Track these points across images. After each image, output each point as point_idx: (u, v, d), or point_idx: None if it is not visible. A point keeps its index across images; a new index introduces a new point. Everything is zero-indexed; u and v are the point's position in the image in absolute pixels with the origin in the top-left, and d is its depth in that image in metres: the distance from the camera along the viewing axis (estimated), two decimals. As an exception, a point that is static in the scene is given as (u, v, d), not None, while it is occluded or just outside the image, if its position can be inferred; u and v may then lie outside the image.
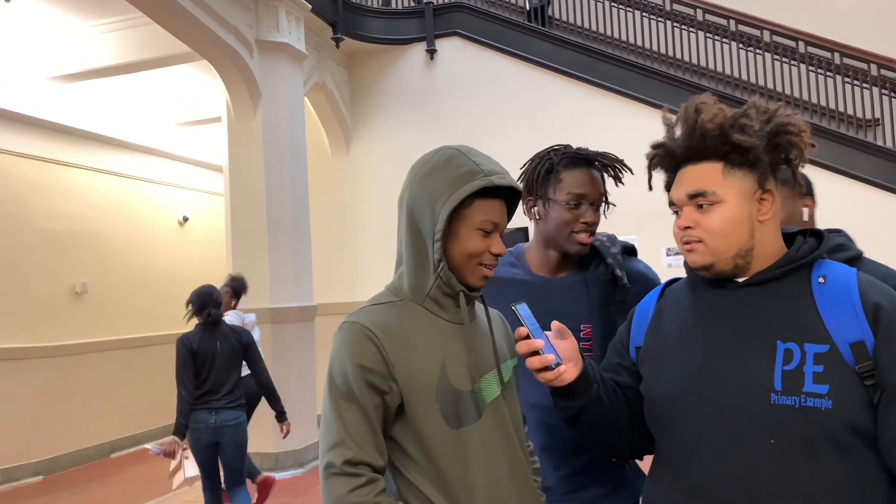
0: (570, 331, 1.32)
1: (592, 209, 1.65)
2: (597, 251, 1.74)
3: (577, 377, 1.28)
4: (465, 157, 1.26)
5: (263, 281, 6.02)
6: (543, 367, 1.24)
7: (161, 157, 8.75)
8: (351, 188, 7.95)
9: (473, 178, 1.23)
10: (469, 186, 1.22)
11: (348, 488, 1.18)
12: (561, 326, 1.31)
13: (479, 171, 1.24)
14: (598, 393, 1.31)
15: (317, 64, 7.21)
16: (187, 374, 3.92)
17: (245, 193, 6.14)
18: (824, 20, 7.51)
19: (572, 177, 1.65)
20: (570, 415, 1.34)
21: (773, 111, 1.25)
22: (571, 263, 1.73)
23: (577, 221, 1.64)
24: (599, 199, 1.67)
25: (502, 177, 1.25)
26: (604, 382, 1.35)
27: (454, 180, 1.23)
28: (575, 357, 1.29)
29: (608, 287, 1.68)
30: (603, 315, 1.66)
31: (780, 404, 1.12)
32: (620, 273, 1.68)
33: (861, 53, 6.69)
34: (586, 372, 1.30)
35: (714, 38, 7.17)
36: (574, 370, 1.28)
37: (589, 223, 1.64)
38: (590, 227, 1.65)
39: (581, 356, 1.31)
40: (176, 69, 6.93)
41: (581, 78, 7.17)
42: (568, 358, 1.28)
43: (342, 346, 1.24)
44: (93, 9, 6.19)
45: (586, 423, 1.34)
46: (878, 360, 1.10)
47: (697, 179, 1.24)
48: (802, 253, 1.23)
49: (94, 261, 7.53)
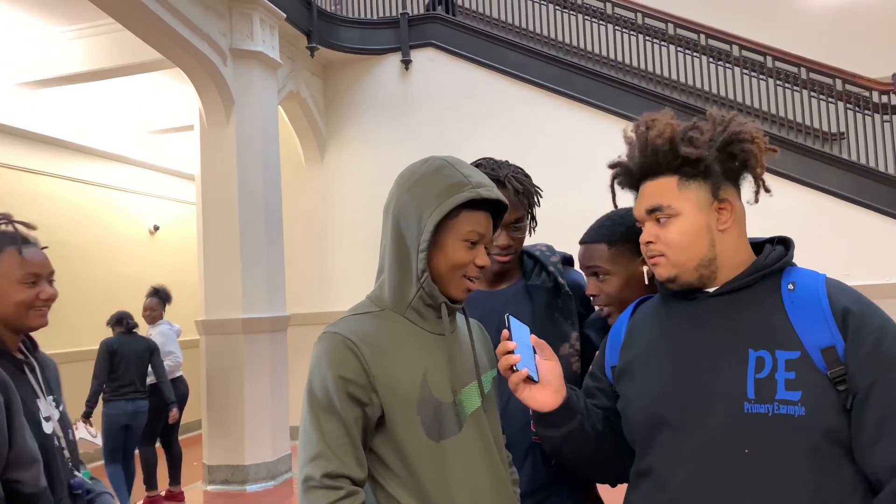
0: (553, 352, 1.32)
1: (505, 231, 1.64)
2: (537, 259, 1.74)
3: (559, 406, 1.28)
4: (454, 168, 1.27)
5: (236, 291, 5.96)
6: (509, 366, 1.24)
7: (131, 164, 8.63)
8: (325, 198, 7.91)
9: (461, 190, 1.23)
10: (457, 197, 1.22)
11: (327, 501, 1.16)
12: (541, 343, 1.31)
13: (468, 183, 1.24)
14: (581, 423, 1.31)
15: (291, 73, 7.18)
16: (102, 370, 5.11)
17: (217, 202, 6.07)
18: (792, 36, 7.68)
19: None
20: (553, 444, 1.34)
21: (728, 120, 1.26)
22: (511, 273, 1.73)
23: (492, 244, 1.62)
24: (512, 222, 1.64)
25: (489, 189, 1.26)
26: (588, 412, 1.34)
27: (442, 191, 1.23)
28: (557, 383, 1.29)
29: (551, 294, 1.69)
30: (547, 321, 1.66)
31: (753, 413, 1.13)
32: (563, 280, 1.68)
33: (827, 69, 6.84)
34: (569, 401, 1.30)
35: (685, 51, 7.29)
36: (553, 397, 1.28)
37: (501, 247, 1.64)
38: (504, 250, 1.65)
39: (567, 386, 1.31)
40: (148, 76, 6.84)
41: (554, 89, 7.24)
42: (548, 381, 1.28)
43: (322, 356, 1.22)
44: (63, 14, 6.10)
45: (569, 453, 1.35)
46: (849, 364, 1.11)
47: (654, 194, 1.26)
48: (770, 260, 1.24)
49: (61, 270, 7.20)
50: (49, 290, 1.67)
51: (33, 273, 1.64)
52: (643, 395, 1.27)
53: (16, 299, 1.61)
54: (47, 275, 1.69)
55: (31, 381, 1.65)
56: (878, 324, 1.13)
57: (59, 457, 1.62)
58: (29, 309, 1.63)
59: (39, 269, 1.67)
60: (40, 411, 1.62)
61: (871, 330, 1.12)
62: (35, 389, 1.64)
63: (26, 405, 1.54)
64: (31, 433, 1.50)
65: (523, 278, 1.73)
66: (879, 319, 1.14)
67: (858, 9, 8.19)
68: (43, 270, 1.67)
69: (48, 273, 1.70)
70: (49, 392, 1.69)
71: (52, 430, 1.63)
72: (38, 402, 1.63)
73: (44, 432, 1.59)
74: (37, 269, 1.66)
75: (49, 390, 1.69)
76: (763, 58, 7.05)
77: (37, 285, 1.65)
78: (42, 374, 1.70)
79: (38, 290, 1.64)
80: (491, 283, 1.73)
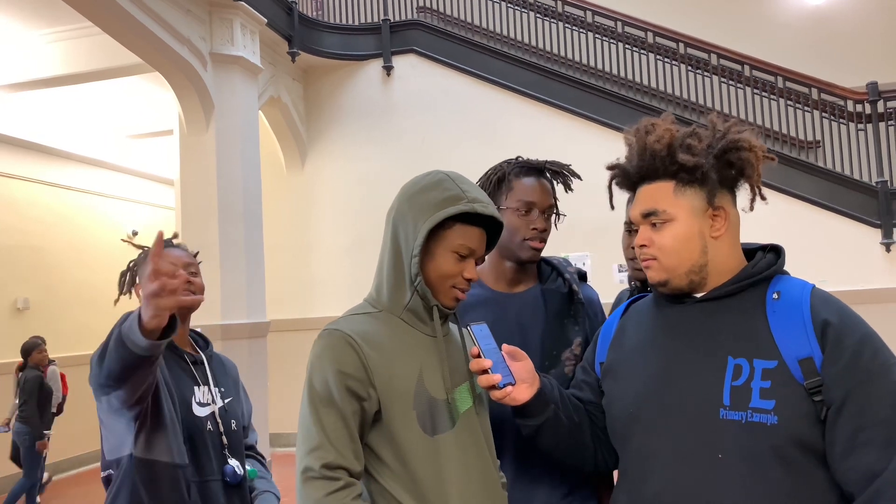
0: (524, 352, 1.35)
1: (543, 216, 1.68)
2: (554, 266, 1.78)
3: (532, 398, 1.30)
4: (453, 182, 1.32)
5: (214, 296, 5.90)
6: (490, 385, 1.27)
7: (110, 169, 8.53)
8: (306, 203, 7.88)
9: (456, 203, 1.28)
10: (450, 209, 1.27)
11: (325, 492, 1.19)
12: (513, 349, 1.34)
13: (463, 197, 1.29)
14: (556, 412, 1.33)
15: (272, 78, 7.15)
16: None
17: (196, 207, 6.02)
18: (769, 46, 7.80)
19: (522, 184, 1.69)
20: (528, 432, 1.37)
21: (726, 128, 1.28)
22: (528, 276, 1.76)
23: (528, 228, 1.67)
24: (549, 208, 1.70)
25: (485, 206, 1.30)
26: (563, 401, 1.37)
27: (439, 202, 1.29)
28: (530, 378, 1.32)
29: (564, 300, 1.72)
30: (556, 325, 1.69)
31: (727, 419, 1.14)
32: (577, 288, 1.72)
33: (803, 78, 6.95)
34: (542, 393, 1.32)
35: (664, 60, 7.36)
36: (527, 391, 1.30)
37: (539, 229, 1.67)
38: (540, 233, 1.68)
39: (539, 376, 1.34)
40: (127, 80, 6.78)
41: (535, 97, 7.28)
42: (522, 379, 1.30)
43: (323, 351, 1.26)
44: (41, 17, 6.02)
45: (545, 440, 1.37)
46: (826, 376, 1.12)
47: (650, 199, 1.27)
48: (759, 269, 1.25)
49: (37, 276, 7.28)
50: None
51: None
52: (625, 396, 1.29)
53: None
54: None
55: (193, 370, 1.80)
56: (857, 337, 1.14)
57: (210, 440, 1.73)
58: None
59: None
60: (194, 396, 1.76)
61: (849, 343, 1.13)
62: (196, 377, 1.80)
63: (179, 388, 1.72)
64: (171, 407, 1.65)
65: (540, 283, 1.77)
66: (859, 333, 1.14)
67: (834, 20, 8.34)
68: None
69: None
70: (216, 384, 1.84)
71: (207, 415, 1.76)
72: (194, 388, 1.77)
73: (194, 414, 1.73)
74: None
75: (216, 382, 1.85)
76: (741, 67, 7.14)
77: None
78: (210, 367, 1.85)
79: None
80: (510, 283, 1.75)
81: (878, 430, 1.09)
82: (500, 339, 1.37)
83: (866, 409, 1.10)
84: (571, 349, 1.68)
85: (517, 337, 1.62)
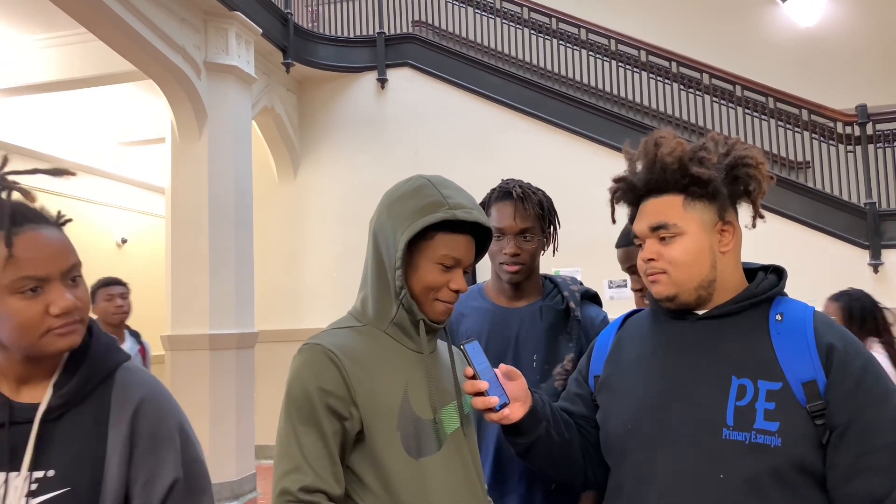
0: (518, 371, 1.32)
1: (515, 240, 1.68)
2: (556, 284, 1.79)
3: (524, 416, 1.28)
4: (434, 187, 1.23)
5: (203, 306, 5.87)
6: (487, 408, 1.24)
7: (100, 176, 8.48)
8: (297, 214, 7.86)
9: (436, 210, 1.20)
10: (429, 218, 1.19)
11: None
12: (508, 369, 1.31)
13: (444, 204, 1.20)
14: (548, 429, 1.31)
15: (266, 88, 7.15)
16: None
17: (187, 216, 5.99)
18: (760, 66, 7.88)
19: (495, 210, 1.71)
20: (519, 450, 1.35)
21: (732, 144, 1.28)
22: (531, 292, 1.77)
23: (501, 252, 1.68)
24: (523, 231, 1.69)
25: (468, 212, 1.22)
26: (555, 418, 1.34)
27: (417, 210, 1.20)
28: (523, 397, 1.29)
29: (560, 317, 1.72)
30: (551, 340, 1.70)
31: (730, 440, 1.13)
32: (574, 305, 1.72)
33: (793, 99, 7.00)
34: (534, 410, 1.30)
35: (657, 78, 7.42)
36: (521, 410, 1.28)
37: (510, 254, 1.67)
38: (512, 257, 1.68)
39: (532, 393, 1.32)
40: (120, 87, 6.76)
41: (528, 112, 7.30)
42: (515, 398, 1.28)
43: (303, 367, 1.19)
44: (36, 22, 6.01)
45: (536, 458, 1.34)
46: (829, 400, 1.12)
47: (659, 212, 1.25)
48: (762, 289, 1.24)
49: None
50: (64, 299, 1.07)
51: (31, 276, 1.05)
52: (623, 410, 1.27)
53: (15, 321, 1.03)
54: (61, 273, 1.10)
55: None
56: (860, 363, 1.14)
57: None
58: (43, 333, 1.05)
59: (45, 266, 1.07)
60: None
61: (853, 368, 1.13)
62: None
63: None
64: None
65: (542, 300, 1.77)
66: (863, 359, 1.15)
67: (825, 42, 8.44)
68: (52, 268, 1.09)
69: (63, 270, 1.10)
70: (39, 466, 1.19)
71: None
72: None
73: None
74: (39, 269, 1.05)
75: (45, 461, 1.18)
76: (732, 87, 7.19)
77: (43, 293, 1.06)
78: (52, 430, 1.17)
79: (46, 300, 1.06)
80: (510, 298, 1.76)
81: (881, 456, 1.09)
82: (496, 350, 1.35)
83: (870, 435, 1.10)
84: (563, 364, 1.68)
85: (511, 350, 1.64)
